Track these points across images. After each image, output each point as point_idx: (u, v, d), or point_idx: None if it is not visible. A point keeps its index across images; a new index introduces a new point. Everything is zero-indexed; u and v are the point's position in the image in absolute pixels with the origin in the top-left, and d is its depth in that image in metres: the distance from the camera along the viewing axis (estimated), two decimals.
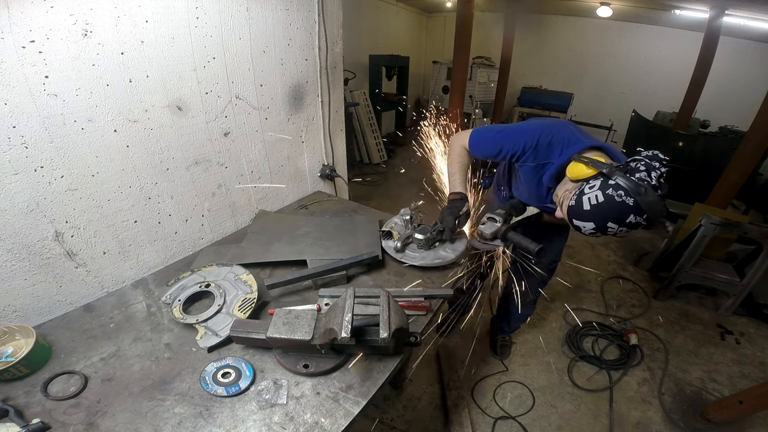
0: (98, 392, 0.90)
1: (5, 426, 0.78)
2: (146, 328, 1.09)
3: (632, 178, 0.91)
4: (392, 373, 1.00)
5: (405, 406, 1.87)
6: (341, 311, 0.90)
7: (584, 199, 0.96)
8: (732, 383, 2.11)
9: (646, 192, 0.89)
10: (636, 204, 0.89)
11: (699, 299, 2.81)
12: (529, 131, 1.20)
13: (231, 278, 1.21)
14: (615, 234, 0.97)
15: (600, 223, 0.95)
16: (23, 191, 1.00)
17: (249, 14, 1.40)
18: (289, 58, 1.63)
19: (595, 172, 0.98)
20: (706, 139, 4.44)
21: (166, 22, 1.16)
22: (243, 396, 0.90)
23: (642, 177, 0.91)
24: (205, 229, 1.54)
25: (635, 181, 0.90)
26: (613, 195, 0.92)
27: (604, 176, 0.96)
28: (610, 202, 0.92)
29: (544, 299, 2.70)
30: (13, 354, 0.94)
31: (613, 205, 0.91)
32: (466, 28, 3.91)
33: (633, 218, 0.91)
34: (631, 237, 3.71)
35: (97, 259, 1.22)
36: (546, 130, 1.17)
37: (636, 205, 0.90)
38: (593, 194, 0.95)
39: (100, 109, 1.09)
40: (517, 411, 1.89)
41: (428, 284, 1.31)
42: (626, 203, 0.90)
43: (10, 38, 0.88)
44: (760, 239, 2.37)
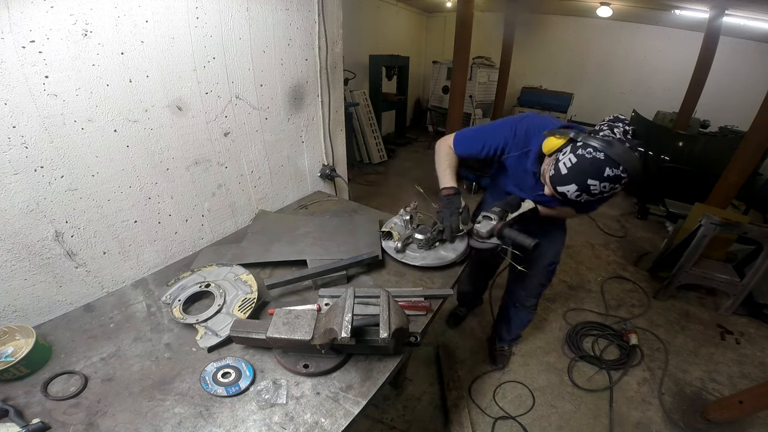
0: (98, 392, 0.90)
1: (5, 426, 0.78)
2: (146, 328, 1.09)
3: (597, 136, 1.01)
4: (392, 373, 1.00)
5: (405, 406, 1.87)
6: (341, 311, 0.90)
7: (560, 165, 1.05)
8: (732, 383, 2.11)
9: (612, 144, 0.98)
10: (607, 157, 0.97)
11: (699, 299, 2.81)
12: (506, 125, 1.32)
13: (231, 278, 1.21)
14: (602, 194, 1.04)
15: (581, 183, 1.02)
16: (23, 191, 1.00)
17: (249, 14, 1.40)
18: (289, 58, 1.63)
19: (565, 139, 1.07)
20: (706, 139, 4.44)
21: (166, 22, 1.16)
22: (243, 396, 0.90)
23: (606, 134, 1.00)
24: (205, 229, 1.54)
25: (600, 138, 1.00)
26: (583, 153, 1.00)
27: (573, 141, 1.05)
28: (582, 160, 1.00)
29: (545, 299, 2.70)
30: (13, 354, 0.94)
31: (587, 162, 1.00)
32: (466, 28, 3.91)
33: (610, 171, 0.98)
34: (631, 237, 3.71)
35: (97, 259, 1.22)
36: (521, 121, 1.29)
37: (607, 158, 0.97)
38: (566, 158, 1.04)
39: (100, 109, 1.09)
40: (517, 411, 1.89)
41: (428, 284, 1.31)
42: (597, 158, 0.98)
43: (10, 38, 0.88)
44: (760, 239, 2.37)
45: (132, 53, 1.11)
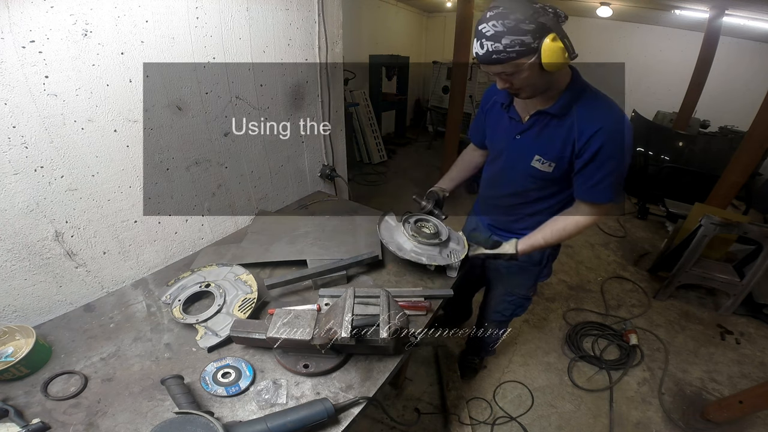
0: (98, 392, 0.90)
1: (5, 426, 0.78)
2: (146, 328, 1.09)
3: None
4: (392, 373, 1.00)
5: (405, 406, 1.87)
6: (341, 311, 0.90)
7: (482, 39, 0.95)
8: (732, 383, 2.11)
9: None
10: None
11: (699, 299, 2.81)
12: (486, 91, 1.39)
13: (231, 278, 1.21)
14: (496, 35, 0.90)
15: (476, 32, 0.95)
16: (23, 191, 1.00)
17: (249, 14, 1.40)
18: (289, 58, 1.63)
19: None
20: (706, 139, 4.43)
21: (166, 22, 1.16)
22: (243, 396, 0.90)
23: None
24: (205, 229, 1.54)
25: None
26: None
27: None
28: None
29: (545, 299, 2.71)
30: (13, 354, 0.94)
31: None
32: (466, 28, 3.90)
33: (493, 11, 0.90)
34: (631, 237, 3.71)
35: (97, 259, 1.22)
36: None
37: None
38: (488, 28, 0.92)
39: (100, 109, 1.09)
40: (517, 411, 1.89)
41: (428, 284, 1.31)
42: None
43: (10, 38, 0.88)
44: (760, 239, 2.36)
45: (132, 53, 1.11)
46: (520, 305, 1.64)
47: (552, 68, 0.93)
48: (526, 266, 1.46)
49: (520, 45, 0.89)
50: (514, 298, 1.60)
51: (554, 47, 0.89)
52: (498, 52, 0.91)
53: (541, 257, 1.44)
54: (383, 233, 1.34)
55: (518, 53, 0.90)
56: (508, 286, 1.58)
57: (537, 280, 1.54)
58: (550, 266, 1.52)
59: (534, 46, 0.90)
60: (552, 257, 1.48)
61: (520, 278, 1.53)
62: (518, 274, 1.51)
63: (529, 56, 0.91)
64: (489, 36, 0.90)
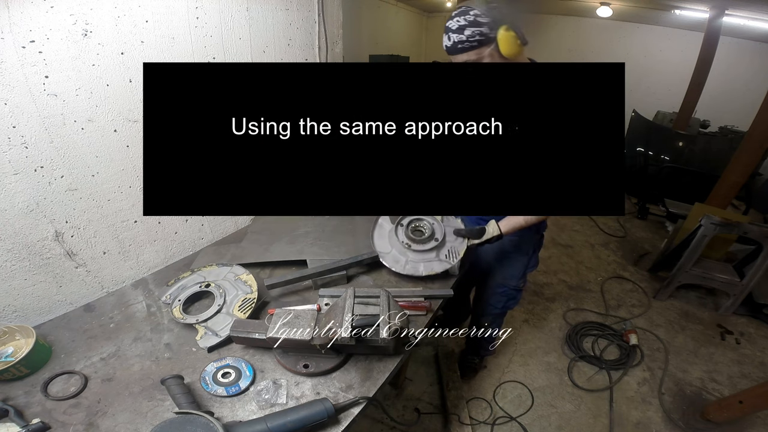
0: (98, 392, 0.90)
1: (5, 426, 0.78)
2: (146, 328, 1.09)
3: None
4: (392, 373, 1.00)
5: (405, 406, 1.87)
6: (341, 311, 0.90)
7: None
8: (732, 383, 2.11)
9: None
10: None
11: (699, 299, 2.81)
12: None
13: (231, 278, 1.21)
14: (460, 28, 1.06)
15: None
16: (23, 191, 1.00)
17: (249, 14, 1.40)
18: (289, 58, 1.63)
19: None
20: (706, 139, 4.43)
21: (166, 22, 1.16)
22: (243, 396, 0.90)
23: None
24: (205, 229, 1.54)
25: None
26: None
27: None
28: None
29: (545, 299, 2.71)
30: (13, 354, 0.94)
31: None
32: None
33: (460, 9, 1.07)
34: (631, 237, 3.71)
35: (97, 259, 1.22)
36: None
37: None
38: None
39: (100, 109, 1.09)
40: (517, 411, 1.89)
41: (428, 284, 1.31)
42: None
43: (10, 38, 0.88)
44: (760, 239, 2.36)
45: (132, 53, 1.11)
46: (512, 297, 1.70)
47: (509, 54, 1.08)
48: (514, 257, 1.55)
49: (479, 35, 1.05)
50: (506, 290, 1.66)
51: (508, 36, 1.05)
52: (462, 42, 1.07)
53: (528, 247, 1.52)
54: (377, 243, 1.34)
55: (479, 42, 1.06)
56: (498, 278, 1.64)
57: (526, 270, 1.60)
58: (536, 256, 1.60)
59: (491, 36, 1.06)
60: (538, 247, 1.57)
61: (509, 270, 1.60)
62: (507, 266, 1.59)
63: (489, 44, 1.07)
64: (454, 29, 1.07)
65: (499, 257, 1.57)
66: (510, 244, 1.51)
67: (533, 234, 1.51)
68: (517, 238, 1.49)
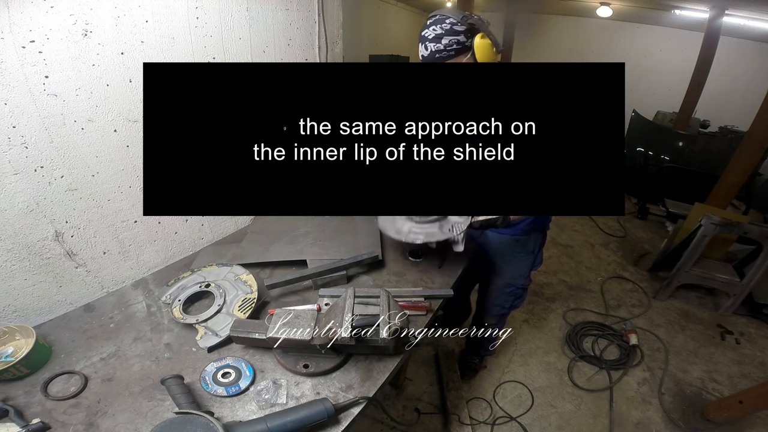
0: (98, 392, 0.90)
1: (5, 426, 0.78)
2: (146, 328, 1.09)
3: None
4: (392, 373, 1.00)
5: (405, 406, 1.87)
6: (341, 311, 0.90)
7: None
8: (732, 383, 2.11)
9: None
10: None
11: (699, 299, 2.81)
12: None
13: (231, 278, 1.21)
14: (436, 38, 1.08)
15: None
16: (23, 191, 1.00)
17: (249, 14, 1.40)
18: (289, 58, 1.63)
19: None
20: (706, 139, 4.44)
21: (166, 22, 1.16)
22: (243, 396, 0.90)
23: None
24: (205, 229, 1.54)
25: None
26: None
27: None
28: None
29: (545, 299, 2.71)
30: (13, 354, 0.94)
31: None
32: None
33: (433, 17, 1.11)
34: (631, 237, 3.71)
35: (97, 259, 1.22)
36: None
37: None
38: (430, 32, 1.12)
39: (100, 109, 1.09)
40: (517, 411, 1.89)
41: (428, 284, 1.31)
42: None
43: (10, 38, 0.88)
44: (760, 239, 2.36)
45: (132, 53, 1.11)
46: (518, 296, 1.71)
47: (485, 61, 1.09)
48: (521, 256, 1.56)
49: (456, 44, 1.07)
50: (513, 289, 1.67)
51: (483, 44, 1.07)
52: (440, 51, 1.08)
53: (533, 245, 1.55)
54: (380, 218, 1.34)
55: (456, 51, 1.08)
56: (506, 277, 1.64)
57: (532, 268, 1.62)
58: (541, 254, 1.62)
59: (468, 45, 1.08)
60: (542, 244, 1.60)
61: (517, 269, 1.61)
62: (515, 265, 1.60)
63: (466, 53, 1.09)
64: (431, 39, 1.08)
65: (506, 257, 1.58)
66: (517, 244, 1.52)
67: (538, 233, 1.53)
68: (524, 238, 1.50)
